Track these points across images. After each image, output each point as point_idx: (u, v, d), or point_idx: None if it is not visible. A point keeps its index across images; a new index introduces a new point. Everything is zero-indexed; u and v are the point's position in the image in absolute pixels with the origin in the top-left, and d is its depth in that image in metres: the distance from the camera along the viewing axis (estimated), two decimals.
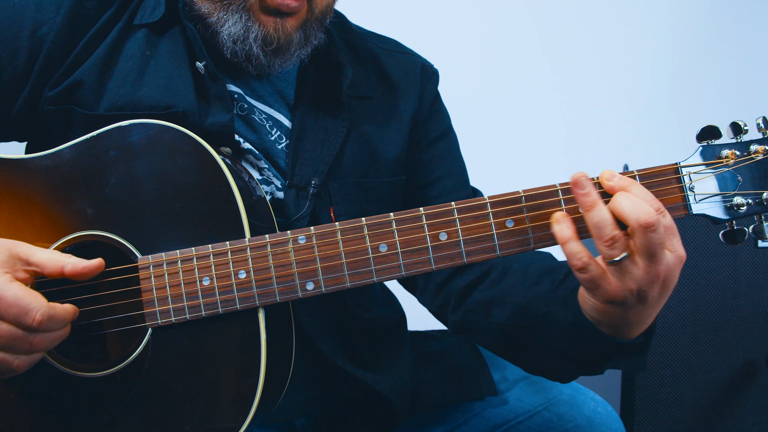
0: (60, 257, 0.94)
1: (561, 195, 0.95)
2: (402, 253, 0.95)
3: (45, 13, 1.12)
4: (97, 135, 1.02)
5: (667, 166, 0.97)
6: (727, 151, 1.00)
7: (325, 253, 0.95)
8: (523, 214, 0.95)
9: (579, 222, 0.93)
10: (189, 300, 0.97)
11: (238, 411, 0.97)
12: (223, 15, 1.10)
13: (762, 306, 1.91)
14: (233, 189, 0.99)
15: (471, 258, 0.95)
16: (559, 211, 0.94)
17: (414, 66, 1.34)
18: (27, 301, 0.90)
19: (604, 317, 0.95)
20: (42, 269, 0.94)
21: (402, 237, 0.95)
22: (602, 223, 0.88)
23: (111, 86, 1.12)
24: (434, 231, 0.94)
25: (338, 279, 0.95)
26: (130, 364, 0.99)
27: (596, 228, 0.89)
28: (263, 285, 0.96)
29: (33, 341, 0.91)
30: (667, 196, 0.96)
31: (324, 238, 0.95)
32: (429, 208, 0.95)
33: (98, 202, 1.00)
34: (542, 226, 0.95)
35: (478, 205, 0.95)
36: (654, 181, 0.96)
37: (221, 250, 0.97)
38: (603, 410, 1.24)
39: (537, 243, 0.95)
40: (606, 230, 0.88)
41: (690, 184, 0.97)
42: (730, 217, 0.98)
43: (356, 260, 0.95)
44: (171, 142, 1.01)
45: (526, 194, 0.95)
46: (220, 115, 1.12)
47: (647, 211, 0.87)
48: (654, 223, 0.86)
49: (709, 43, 2.99)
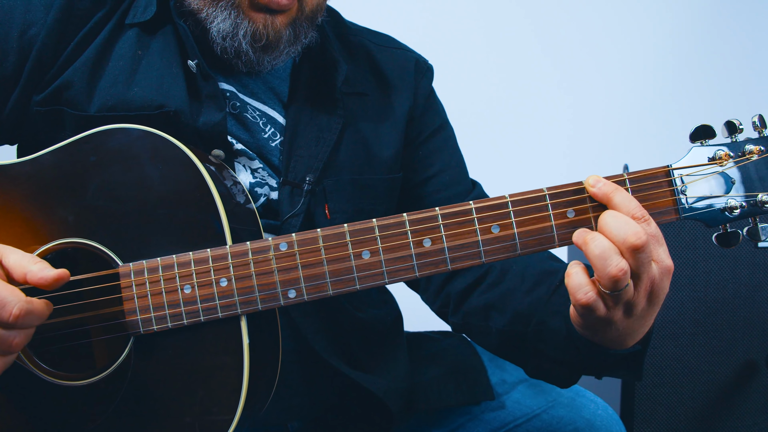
0: (27, 263, 0.91)
1: (548, 200, 0.93)
2: (385, 260, 0.93)
3: (34, 13, 1.11)
4: (77, 140, 1.00)
5: (658, 169, 0.95)
6: (721, 151, 0.97)
7: (306, 260, 0.94)
8: (510, 219, 0.92)
9: (568, 227, 0.91)
10: (170, 308, 0.96)
11: (223, 418, 0.96)
12: (213, 11, 1.10)
13: (761, 306, 1.89)
14: (214, 195, 0.97)
15: (456, 265, 0.93)
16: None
17: (408, 62, 1.33)
18: (3, 295, 0.87)
19: (592, 332, 0.94)
20: (10, 274, 0.91)
21: (385, 244, 0.93)
22: (607, 252, 0.85)
23: (102, 86, 1.11)
24: (418, 237, 0.92)
25: (320, 287, 0.94)
26: (114, 372, 0.98)
27: (600, 259, 0.85)
28: (245, 293, 0.95)
29: (8, 337, 0.88)
30: (657, 200, 0.94)
31: (306, 245, 0.94)
32: (412, 214, 0.93)
33: (79, 208, 0.99)
34: (528, 231, 0.92)
35: (463, 210, 0.93)
36: (645, 184, 0.94)
37: (202, 258, 0.95)
38: (603, 413, 1.22)
39: (524, 249, 0.93)
40: (613, 260, 0.84)
41: (682, 187, 0.95)
42: (723, 220, 0.96)
43: (339, 268, 0.93)
44: (152, 148, 0.99)
45: (513, 199, 0.93)
46: (213, 114, 1.12)
47: (635, 230, 0.84)
48: (643, 244, 0.83)
49: (709, 43, 2.98)
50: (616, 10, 2.92)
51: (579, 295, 0.87)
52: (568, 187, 0.93)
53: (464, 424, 1.26)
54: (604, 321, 0.89)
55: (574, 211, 0.93)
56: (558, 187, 0.93)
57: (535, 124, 2.85)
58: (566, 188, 0.93)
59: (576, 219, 0.93)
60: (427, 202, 1.29)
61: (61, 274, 0.90)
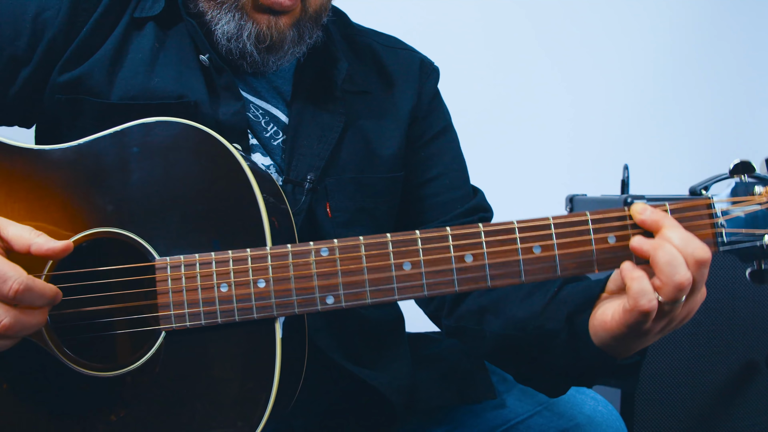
0: (29, 235, 0.89)
1: (590, 224, 0.93)
2: (426, 272, 0.93)
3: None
4: (120, 131, 1.00)
5: (699, 200, 0.96)
6: (761, 188, 0.98)
7: (347, 267, 0.94)
8: (552, 240, 0.93)
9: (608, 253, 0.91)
10: (205, 306, 0.95)
11: (250, 421, 0.95)
12: (217, 13, 1.13)
13: (761, 306, 1.90)
14: (257, 194, 0.97)
15: (495, 282, 0.93)
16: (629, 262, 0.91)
17: (413, 62, 1.34)
18: (4, 270, 0.86)
19: (618, 343, 0.94)
20: (11, 245, 0.90)
21: (427, 256, 0.93)
22: (675, 261, 0.86)
23: (122, 76, 1.13)
24: (460, 252, 0.93)
25: (359, 295, 0.94)
26: (142, 366, 0.97)
27: (669, 267, 0.86)
28: (282, 296, 0.94)
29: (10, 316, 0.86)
30: (697, 231, 0.94)
31: (347, 252, 0.94)
32: (456, 229, 0.93)
33: (118, 199, 0.98)
34: (569, 254, 0.93)
35: (506, 229, 0.93)
36: (686, 215, 0.95)
37: (241, 257, 0.95)
38: (604, 409, 1.23)
39: (563, 272, 0.93)
40: (680, 270, 0.85)
41: (721, 220, 0.96)
42: (760, 256, 0.97)
43: (379, 277, 0.93)
44: (195, 143, 0.99)
45: (555, 222, 0.93)
46: (231, 104, 1.14)
47: (701, 245, 0.86)
48: (708, 260, 0.86)
49: (709, 44, 2.99)
50: (617, 10, 2.93)
51: (643, 301, 0.87)
52: (611, 212, 0.94)
53: (465, 422, 1.27)
54: (642, 332, 0.90)
55: (615, 237, 0.93)
56: (601, 212, 0.94)
57: (535, 125, 2.86)
58: (609, 213, 0.94)
59: (617, 245, 0.93)
60: (426, 204, 1.30)
61: (67, 245, 0.90)
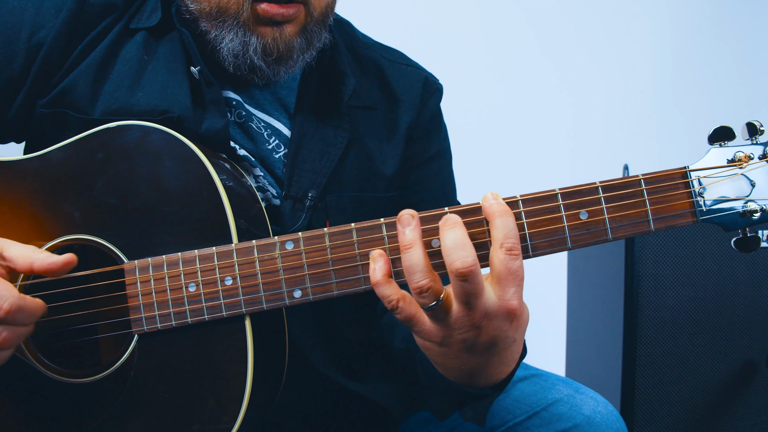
0: (31, 253, 0.90)
1: (561, 199, 0.90)
2: (393, 260, 0.91)
3: (44, 16, 1.10)
4: (84, 137, 1.00)
5: (674, 170, 0.92)
6: (741, 153, 0.94)
7: (313, 259, 0.92)
8: (524, 229, 0.90)
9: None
10: (175, 307, 0.94)
11: (226, 419, 0.94)
12: (220, 32, 1.09)
13: (761, 306, 1.85)
14: (220, 192, 0.96)
15: None
16: (379, 249, 0.89)
17: (417, 79, 1.30)
18: None
19: (431, 356, 0.91)
20: (14, 265, 0.91)
21: (392, 244, 0.91)
22: (413, 268, 0.82)
23: (106, 90, 1.11)
24: (428, 238, 0.90)
25: (326, 287, 0.92)
26: (117, 370, 0.97)
27: (407, 272, 0.83)
28: (250, 292, 0.93)
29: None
30: (673, 202, 0.91)
31: (312, 244, 0.92)
32: (422, 213, 0.91)
33: (86, 205, 0.98)
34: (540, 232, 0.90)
35: (474, 209, 0.90)
36: (660, 186, 0.91)
37: (207, 255, 0.94)
38: (603, 409, 1.20)
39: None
40: (415, 276, 0.82)
41: (699, 189, 0.92)
42: (742, 224, 0.93)
43: (345, 267, 0.91)
44: (158, 144, 0.98)
45: (527, 211, 0.90)
46: (216, 120, 1.10)
47: (463, 256, 0.80)
48: (467, 272, 0.80)
49: (709, 43, 2.96)
50: (616, 10, 2.90)
51: (385, 303, 0.86)
52: (581, 186, 0.91)
53: (465, 423, 1.24)
54: (436, 342, 0.86)
55: (588, 213, 0.90)
56: (572, 186, 0.91)
57: (535, 125, 2.84)
58: (580, 188, 0.91)
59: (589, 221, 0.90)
60: None
61: (70, 258, 0.90)
